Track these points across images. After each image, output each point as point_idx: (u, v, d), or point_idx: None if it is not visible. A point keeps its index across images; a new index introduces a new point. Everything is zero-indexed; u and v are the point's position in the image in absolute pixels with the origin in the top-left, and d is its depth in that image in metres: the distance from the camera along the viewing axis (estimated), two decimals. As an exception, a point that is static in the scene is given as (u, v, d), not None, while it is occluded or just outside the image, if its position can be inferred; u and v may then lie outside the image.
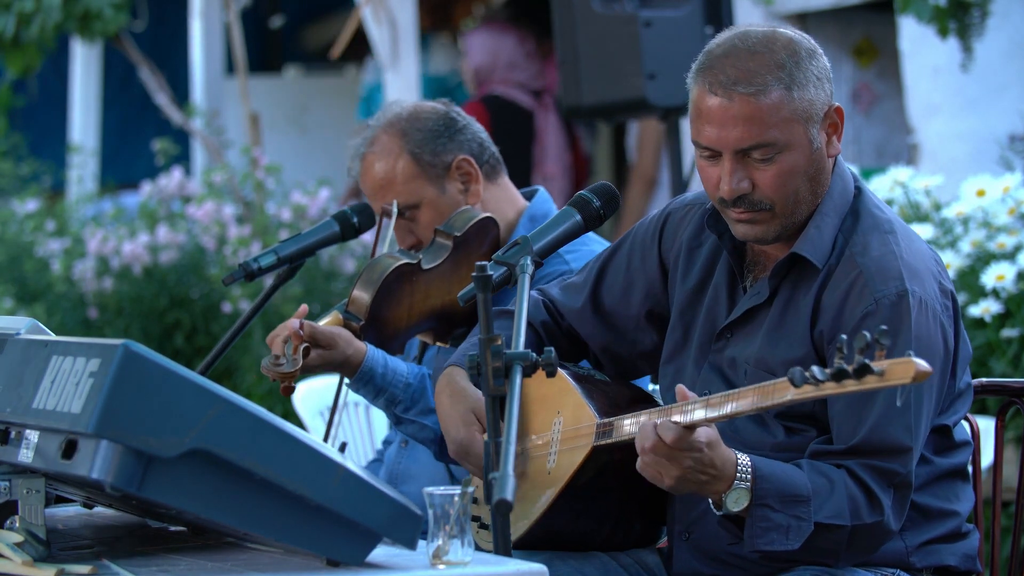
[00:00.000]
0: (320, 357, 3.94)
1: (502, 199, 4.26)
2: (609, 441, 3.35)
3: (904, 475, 3.23)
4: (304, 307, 4.08)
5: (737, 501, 3.16)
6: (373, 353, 4.02)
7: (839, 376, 2.85)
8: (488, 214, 4.11)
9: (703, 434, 3.10)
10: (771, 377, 3.31)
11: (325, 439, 4.25)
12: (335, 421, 4.27)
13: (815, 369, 2.87)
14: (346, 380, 4.09)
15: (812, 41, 3.39)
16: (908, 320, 3.24)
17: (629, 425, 3.30)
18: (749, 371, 3.37)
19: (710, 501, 3.22)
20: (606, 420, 3.37)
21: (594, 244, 4.16)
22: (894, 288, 3.26)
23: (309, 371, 3.96)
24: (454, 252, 4.05)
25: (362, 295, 4.01)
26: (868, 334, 2.80)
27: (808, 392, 2.91)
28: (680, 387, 3.16)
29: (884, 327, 2.81)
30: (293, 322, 3.94)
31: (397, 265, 4.02)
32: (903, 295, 3.25)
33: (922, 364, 2.79)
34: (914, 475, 3.26)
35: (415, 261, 4.04)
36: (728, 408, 3.08)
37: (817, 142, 3.33)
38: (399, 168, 4.20)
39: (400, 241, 4.24)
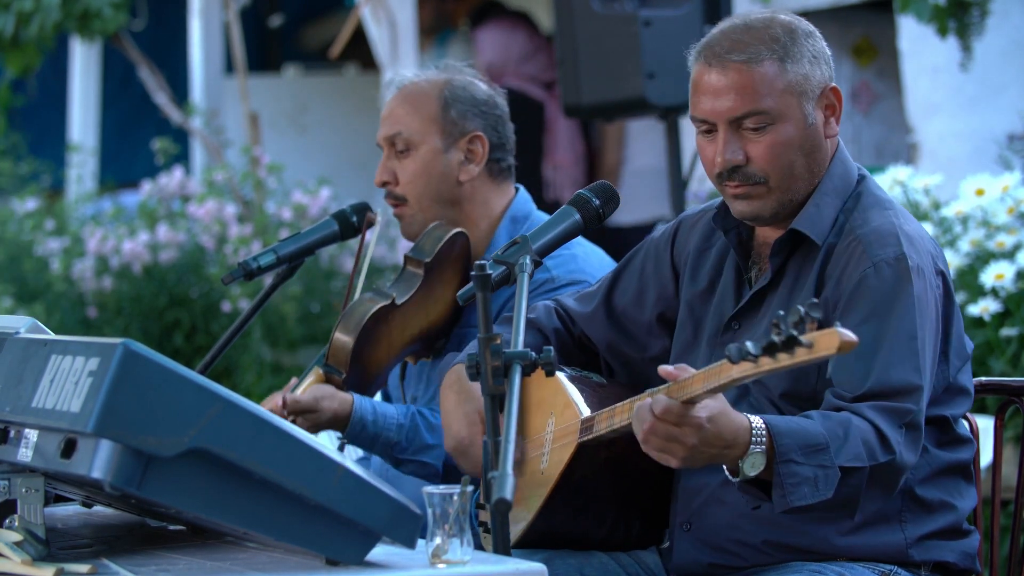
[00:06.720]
0: (306, 421, 3.99)
1: (493, 196, 4.26)
2: (590, 437, 3.35)
3: (916, 412, 3.20)
4: (293, 380, 4.11)
5: (754, 465, 3.10)
6: (361, 402, 4.05)
7: (771, 350, 2.82)
8: (459, 229, 4.12)
9: (704, 408, 3.04)
10: None
11: (348, 289, 4.22)
12: (361, 270, 4.25)
13: (749, 344, 2.84)
14: (339, 435, 4.11)
15: (812, 27, 3.42)
16: (909, 280, 3.25)
17: (606, 420, 3.31)
18: None
19: (725, 470, 3.15)
20: (588, 416, 3.38)
21: (576, 248, 4.16)
22: (892, 252, 3.28)
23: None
24: (426, 279, 4.07)
25: (343, 345, 4.04)
26: (802, 308, 2.78)
27: (749, 370, 2.88)
28: (663, 367, 3.08)
29: (815, 300, 2.79)
30: (277, 399, 4.01)
31: (375, 310, 4.04)
32: (901, 258, 3.27)
33: (846, 334, 2.76)
34: (923, 416, 3.20)
35: (389, 301, 4.05)
36: (706, 385, 3.01)
37: (812, 118, 3.36)
38: (427, 103, 4.21)
39: (378, 175, 4.23)
